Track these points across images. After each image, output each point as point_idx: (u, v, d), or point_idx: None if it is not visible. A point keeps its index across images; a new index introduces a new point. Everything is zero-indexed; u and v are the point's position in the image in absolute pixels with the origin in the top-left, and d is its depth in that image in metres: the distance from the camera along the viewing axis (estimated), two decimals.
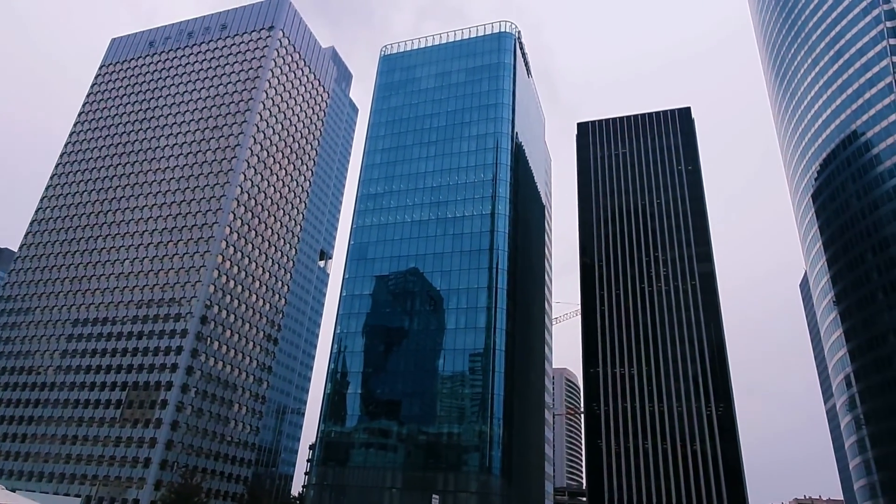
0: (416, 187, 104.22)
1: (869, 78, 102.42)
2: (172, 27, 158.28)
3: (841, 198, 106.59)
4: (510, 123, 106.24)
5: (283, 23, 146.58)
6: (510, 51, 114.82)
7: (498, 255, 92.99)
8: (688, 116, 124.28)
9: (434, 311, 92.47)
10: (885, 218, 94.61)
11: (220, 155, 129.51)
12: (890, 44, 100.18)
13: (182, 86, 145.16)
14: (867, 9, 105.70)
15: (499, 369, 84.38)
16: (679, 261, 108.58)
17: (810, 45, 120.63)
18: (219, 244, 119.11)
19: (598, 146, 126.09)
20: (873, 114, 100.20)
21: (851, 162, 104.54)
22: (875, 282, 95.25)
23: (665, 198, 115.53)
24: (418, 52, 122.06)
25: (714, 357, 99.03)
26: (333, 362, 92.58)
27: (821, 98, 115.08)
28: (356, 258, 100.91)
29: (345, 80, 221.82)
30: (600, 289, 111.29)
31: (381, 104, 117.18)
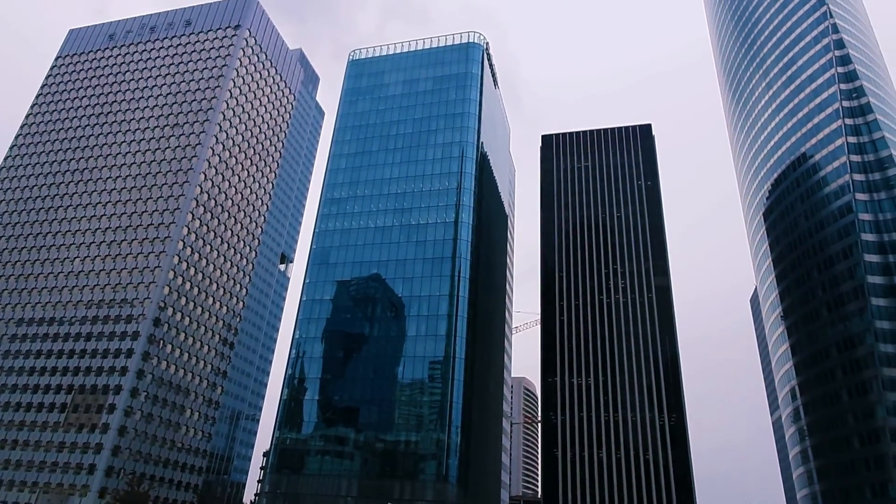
0: (381, 193, 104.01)
1: (818, 103, 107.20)
2: (134, 21, 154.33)
3: (790, 217, 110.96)
4: (476, 133, 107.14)
5: (250, 22, 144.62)
6: (478, 61, 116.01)
7: (460, 264, 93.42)
8: (648, 133, 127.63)
9: (395, 317, 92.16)
10: (830, 237, 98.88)
11: (180, 153, 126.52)
12: (838, 71, 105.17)
13: (142, 81, 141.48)
14: (818, 37, 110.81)
15: (458, 377, 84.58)
16: (637, 274, 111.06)
17: (765, 69, 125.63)
18: (175, 245, 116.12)
19: (561, 158, 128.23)
20: (822, 137, 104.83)
21: (800, 183, 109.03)
22: (819, 298, 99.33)
23: (625, 212, 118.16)
24: (387, 58, 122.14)
25: (668, 368, 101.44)
26: (291, 367, 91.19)
27: (773, 120, 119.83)
28: (318, 263, 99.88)
29: (311, 83, 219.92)
30: (560, 299, 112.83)
31: (348, 108, 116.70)
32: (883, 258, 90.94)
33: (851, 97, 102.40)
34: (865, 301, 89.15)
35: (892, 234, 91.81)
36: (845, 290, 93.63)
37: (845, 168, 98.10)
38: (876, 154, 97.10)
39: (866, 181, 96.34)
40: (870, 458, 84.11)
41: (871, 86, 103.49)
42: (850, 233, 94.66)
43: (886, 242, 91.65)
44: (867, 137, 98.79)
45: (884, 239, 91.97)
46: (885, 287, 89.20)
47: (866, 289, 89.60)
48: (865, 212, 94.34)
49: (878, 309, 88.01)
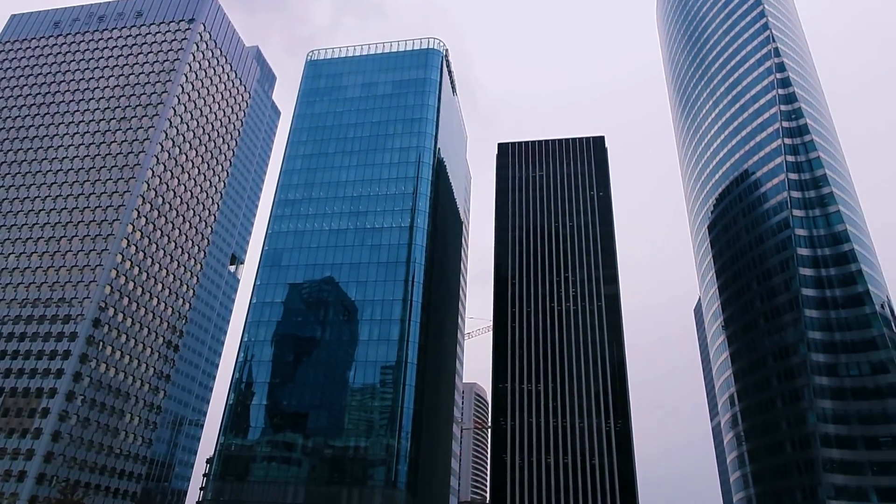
0: (336, 196, 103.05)
1: (760, 122, 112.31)
2: (82, 9, 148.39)
3: (732, 230, 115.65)
4: (433, 138, 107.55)
5: (205, 16, 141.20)
6: (437, 67, 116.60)
7: (415, 268, 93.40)
8: (601, 145, 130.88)
9: (348, 321, 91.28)
10: (768, 251, 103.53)
11: (127, 148, 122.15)
12: (779, 93, 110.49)
13: (88, 72, 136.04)
14: (761, 60, 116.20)
15: (410, 383, 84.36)
16: (587, 282, 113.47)
17: (712, 88, 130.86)
18: (119, 243, 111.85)
19: (516, 167, 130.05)
20: (763, 155, 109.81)
21: (743, 198, 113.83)
22: (758, 309, 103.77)
23: (577, 221, 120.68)
24: (346, 60, 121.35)
25: (615, 375, 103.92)
26: (238, 372, 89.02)
27: (719, 137, 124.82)
28: (269, 264, 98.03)
29: (268, 82, 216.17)
30: (512, 306, 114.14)
31: (305, 109, 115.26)
32: (816, 272, 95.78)
33: (791, 118, 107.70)
34: (799, 312, 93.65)
35: (824, 249, 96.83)
36: (781, 302, 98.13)
37: (784, 185, 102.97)
38: (812, 173, 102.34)
39: (802, 198, 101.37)
40: (801, 462, 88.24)
41: (808, 108, 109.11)
42: (787, 247, 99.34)
43: (819, 257, 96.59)
44: (804, 157, 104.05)
45: (817, 254, 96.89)
46: (818, 299, 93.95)
47: (801, 301, 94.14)
48: (801, 227, 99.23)
49: (811, 320, 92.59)
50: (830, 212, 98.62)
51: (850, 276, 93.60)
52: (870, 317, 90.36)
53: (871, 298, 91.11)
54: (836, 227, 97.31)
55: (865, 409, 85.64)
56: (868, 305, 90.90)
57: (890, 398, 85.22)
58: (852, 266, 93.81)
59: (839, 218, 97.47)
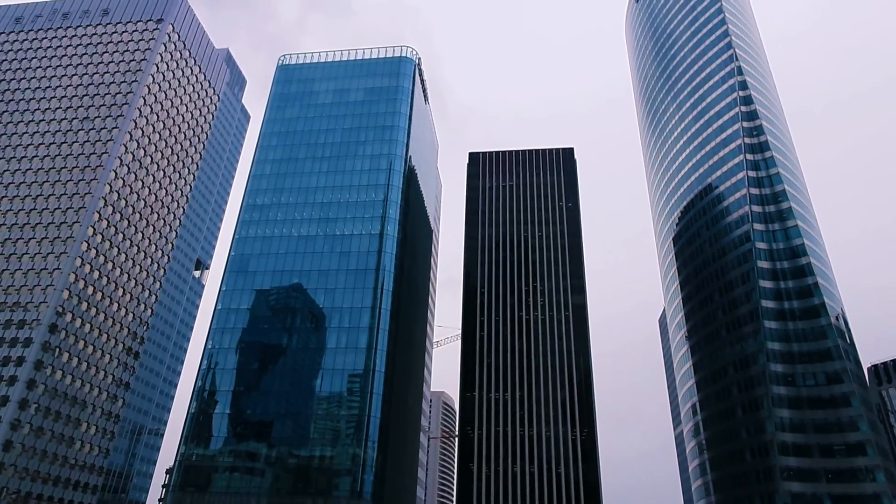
0: (306, 202, 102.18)
1: (724, 138, 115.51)
2: (45, 5, 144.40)
3: (696, 243, 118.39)
4: (405, 146, 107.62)
5: (175, 17, 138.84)
6: (409, 76, 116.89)
7: (384, 276, 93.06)
8: (571, 157, 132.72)
9: (315, 328, 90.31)
10: (730, 263, 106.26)
11: (90, 149, 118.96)
12: (741, 110, 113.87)
13: (51, 70, 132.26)
14: (725, 77, 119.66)
15: (377, 391, 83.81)
16: (555, 291, 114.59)
17: (678, 103, 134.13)
18: (79, 246, 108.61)
19: (487, 177, 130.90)
20: (726, 170, 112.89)
21: (706, 211, 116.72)
22: (720, 320, 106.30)
23: (546, 231, 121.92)
24: (318, 65, 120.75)
25: (581, 385, 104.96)
26: (201, 380, 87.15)
27: (684, 152, 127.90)
28: (236, 270, 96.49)
29: (238, 85, 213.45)
30: (481, 315, 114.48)
31: (276, 114, 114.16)
32: (775, 284, 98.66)
33: (752, 134, 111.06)
34: (759, 324, 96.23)
35: (783, 262, 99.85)
36: (742, 313, 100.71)
37: (746, 199, 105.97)
38: (772, 188, 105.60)
39: (763, 212, 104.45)
40: (760, 470, 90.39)
41: (769, 125, 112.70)
42: (748, 259, 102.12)
43: (778, 270, 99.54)
44: (765, 172, 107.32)
45: (776, 266, 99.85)
46: (777, 311, 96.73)
47: (760, 312, 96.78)
48: (762, 241, 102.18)
49: (770, 331, 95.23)
50: (789, 226, 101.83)
51: (807, 288, 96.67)
52: (825, 328, 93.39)
53: (826, 310, 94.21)
54: (794, 241, 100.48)
55: (821, 419, 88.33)
56: (824, 317, 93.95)
57: (843, 407, 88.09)
58: (809, 279, 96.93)
59: (797, 232, 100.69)
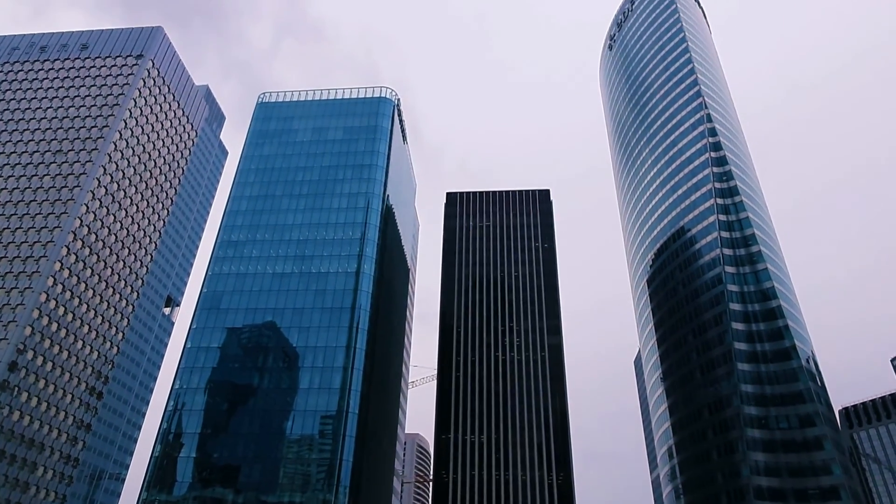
0: (282, 239, 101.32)
1: (695, 182, 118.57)
2: (22, 38, 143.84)
3: (670, 285, 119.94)
4: (383, 185, 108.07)
5: (155, 53, 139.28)
6: (388, 116, 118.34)
7: (360, 315, 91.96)
8: (547, 198, 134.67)
9: (288, 368, 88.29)
10: (703, 305, 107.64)
11: (61, 182, 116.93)
12: (711, 156, 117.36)
13: (25, 102, 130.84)
14: (695, 124, 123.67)
15: (350, 433, 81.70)
16: (531, 332, 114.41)
17: (651, 148, 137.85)
18: (44, 281, 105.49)
19: (464, 216, 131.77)
20: (697, 213, 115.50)
21: (679, 254, 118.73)
22: (694, 362, 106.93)
23: (522, 271, 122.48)
24: (297, 104, 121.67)
25: (558, 427, 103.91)
26: (167, 421, 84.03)
27: (657, 195, 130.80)
28: (208, 307, 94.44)
29: (216, 121, 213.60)
30: (457, 354, 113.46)
31: (254, 150, 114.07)
32: (747, 326, 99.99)
33: (722, 179, 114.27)
34: (733, 366, 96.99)
35: (754, 304, 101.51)
36: (716, 355, 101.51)
37: (717, 242, 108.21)
38: (742, 232, 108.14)
39: (734, 255, 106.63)
40: None
41: (737, 170, 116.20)
42: (720, 302, 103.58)
43: (750, 312, 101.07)
44: (735, 216, 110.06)
45: (748, 309, 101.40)
46: (749, 353, 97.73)
47: (734, 354, 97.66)
48: (733, 283, 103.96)
49: (743, 373, 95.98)
50: (759, 269, 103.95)
51: (777, 331, 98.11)
52: (797, 370, 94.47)
53: (797, 353, 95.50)
54: (764, 284, 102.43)
55: (795, 462, 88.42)
56: (795, 360, 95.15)
57: (816, 451, 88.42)
58: (780, 322, 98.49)
59: (767, 275, 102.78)
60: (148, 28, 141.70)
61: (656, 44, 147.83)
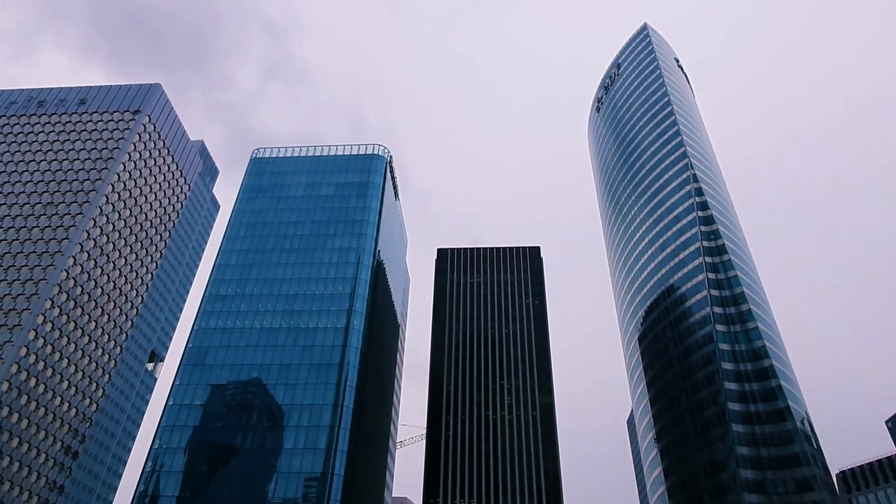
0: (271, 293, 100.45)
1: (683, 241, 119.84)
2: (21, 92, 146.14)
3: (661, 343, 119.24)
4: (374, 241, 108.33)
5: (152, 108, 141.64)
6: (381, 172, 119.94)
7: (348, 371, 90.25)
8: (537, 255, 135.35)
9: (272, 427, 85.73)
10: (695, 364, 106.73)
11: (50, 234, 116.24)
12: (699, 215, 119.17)
13: (19, 154, 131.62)
14: (682, 184, 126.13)
15: (335, 497, 78.62)
16: (522, 391, 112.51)
17: (638, 208, 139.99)
18: (26, 335, 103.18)
19: (455, 273, 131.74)
20: (686, 271, 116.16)
21: (670, 311, 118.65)
22: (688, 422, 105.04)
23: (513, 328, 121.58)
24: (290, 159, 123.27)
25: (550, 490, 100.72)
26: (144, 484, 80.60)
27: (647, 252, 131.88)
28: (192, 363, 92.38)
29: (209, 175, 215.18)
30: (447, 413, 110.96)
31: (246, 204, 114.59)
32: (740, 386, 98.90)
33: (710, 238, 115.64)
34: (727, 427, 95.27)
35: (746, 364, 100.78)
36: (710, 416, 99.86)
37: (707, 301, 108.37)
38: (731, 290, 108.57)
39: (724, 314, 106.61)
40: None
41: (724, 229, 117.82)
42: (712, 361, 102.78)
43: (742, 371, 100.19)
44: (724, 275, 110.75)
45: (740, 368, 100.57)
46: (743, 414, 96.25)
47: (727, 415, 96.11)
48: (724, 342, 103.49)
49: (738, 435, 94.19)
50: (750, 328, 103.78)
51: (771, 391, 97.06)
52: (791, 432, 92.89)
53: (791, 414, 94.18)
54: (755, 343, 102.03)
55: None
56: (789, 421, 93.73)
57: None
58: (772, 382, 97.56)
59: (758, 334, 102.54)
60: (146, 85, 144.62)
61: (642, 107, 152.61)
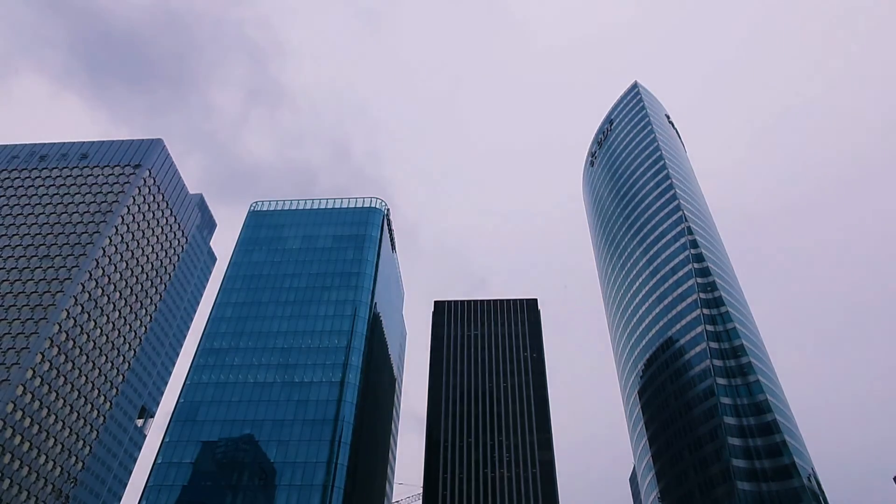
0: (266, 346, 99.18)
1: (680, 293, 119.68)
2: (23, 147, 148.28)
3: (661, 397, 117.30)
4: (370, 293, 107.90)
5: (153, 163, 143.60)
6: (377, 225, 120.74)
7: (343, 427, 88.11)
8: (534, 307, 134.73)
9: (264, 486, 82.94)
10: (697, 419, 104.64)
11: (44, 287, 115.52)
12: (694, 267, 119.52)
13: (18, 207, 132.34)
14: (677, 236, 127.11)
15: None
16: (521, 447, 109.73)
17: (633, 260, 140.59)
18: (13, 390, 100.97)
19: (452, 325, 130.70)
20: (684, 324, 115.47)
21: (669, 364, 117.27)
22: (692, 480, 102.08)
23: (511, 382, 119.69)
24: (288, 212, 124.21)
25: None
26: None
27: (643, 305, 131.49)
28: (183, 419, 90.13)
29: (207, 228, 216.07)
30: (444, 472, 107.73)
31: (242, 257, 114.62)
32: (744, 441, 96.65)
33: (706, 290, 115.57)
34: (732, 485, 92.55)
35: (749, 418, 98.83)
36: (714, 473, 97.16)
37: (706, 353, 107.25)
38: (730, 343, 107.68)
39: (724, 367, 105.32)
40: None
41: (721, 281, 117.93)
42: (714, 415, 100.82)
43: (745, 426, 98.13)
44: (722, 327, 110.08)
45: (743, 423, 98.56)
46: (748, 471, 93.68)
47: (732, 472, 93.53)
48: (726, 396, 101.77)
49: (745, 493, 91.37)
50: (751, 381, 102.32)
51: (775, 447, 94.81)
52: (799, 490, 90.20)
53: (798, 471, 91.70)
54: (757, 397, 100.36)
55: None
56: (796, 478, 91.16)
57: None
58: (777, 437, 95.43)
59: (759, 388, 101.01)
60: (148, 140, 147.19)
61: (635, 161, 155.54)
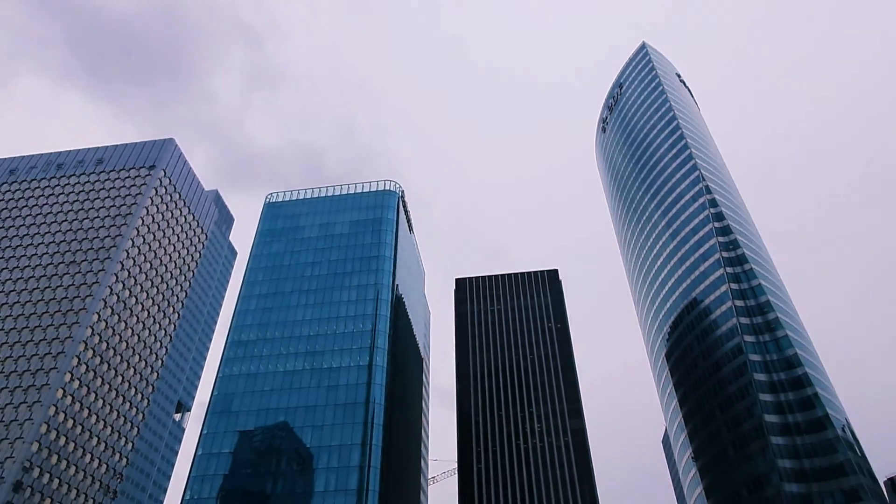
0: (292, 335, 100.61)
1: (702, 253, 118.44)
2: (40, 157, 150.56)
3: (689, 358, 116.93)
4: (391, 276, 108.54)
5: (167, 163, 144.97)
6: (394, 207, 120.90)
7: (374, 409, 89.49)
8: (556, 277, 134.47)
9: (302, 471, 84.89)
10: (727, 378, 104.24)
11: (73, 293, 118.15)
12: (715, 226, 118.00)
13: (41, 217, 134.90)
14: (696, 196, 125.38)
15: None
16: (552, 416, 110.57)
17: (653, 222, 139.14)
18: (54, 394, 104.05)
19: (474, 302, 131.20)
20: (708, 284, 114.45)
21: (695, 325, 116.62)
22: (725, 438, 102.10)
23: (537, 353, 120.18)
24: (304, 201, 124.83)
25: None
26: None
27: (665, 268, 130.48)
28: (218, 411, 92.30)
29: (225, 223, 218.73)
30: (477, 445, 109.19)
31: (262, 249, 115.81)
32: (775, 397, 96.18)
33: (729, 248, 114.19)
34: (766, 440, 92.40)
35: (780, 373, 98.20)
36: (747, 430, 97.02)
37: (732, 312, 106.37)
38: (756, 299, 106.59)
39: (751, 324, 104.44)
40: None
41: (743, 238, 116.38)
42: (743, 373, 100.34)
43: (776, 382, 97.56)
44: (746, 284, 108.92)
45: (773, 378, 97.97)
46: (781, 425, 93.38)
47: (765, 427, 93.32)
48: (754, 353, 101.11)
49: (778, 447, 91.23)
50: (780, 336, 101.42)
51: (807, 400, 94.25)
52: (833, 441, 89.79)
53: (831, 422, 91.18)
54: (787, 352, 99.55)
55: None
56: (830, 430, 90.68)
57: None
58: (808, 390, 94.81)
59: (788, 342, 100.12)
60: (160, 140, 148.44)
61: (648, 123, 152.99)
